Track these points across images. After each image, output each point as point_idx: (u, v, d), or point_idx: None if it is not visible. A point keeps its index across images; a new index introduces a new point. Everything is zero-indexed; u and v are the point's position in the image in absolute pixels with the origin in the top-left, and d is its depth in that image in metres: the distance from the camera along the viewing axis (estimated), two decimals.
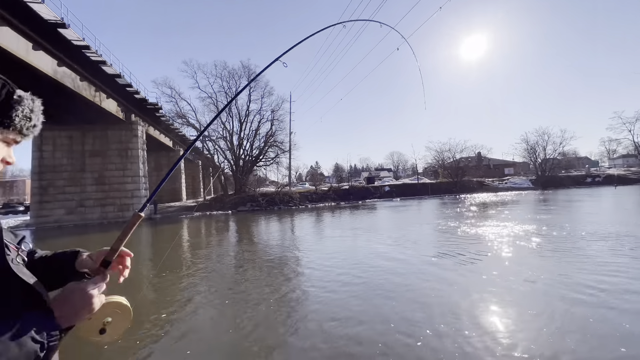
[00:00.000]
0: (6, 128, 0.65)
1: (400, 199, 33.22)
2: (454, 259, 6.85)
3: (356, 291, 5.10)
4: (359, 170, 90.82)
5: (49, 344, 0.60)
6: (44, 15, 13.45)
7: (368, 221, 15.76)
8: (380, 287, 5.22)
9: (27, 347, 0.55)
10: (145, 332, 4.03)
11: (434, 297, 4.61)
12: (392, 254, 7.62)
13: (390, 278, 5.68)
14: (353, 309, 4.37)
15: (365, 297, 4.80)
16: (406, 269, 6.22)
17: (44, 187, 22.64)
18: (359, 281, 5.60)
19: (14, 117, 0.65)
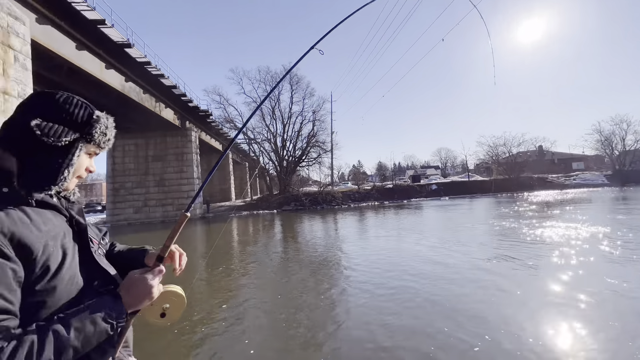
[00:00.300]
0: (88, 143, 0.78)
1: (448, 198, 31.43)
2: (510, 263, 6.26)
3: (401, 296, 4.90)
4: (404, 169, 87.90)
5: (117, 324, 0.70)
6: (113, 38, 15.24)
7: (414, 221, 15.15)
8: (427, 292, 4.94)
9: (100, 326, 0.66)
10: (201, 323, 4.33)
11: (486, 307, 4.24)
12: (440, 257, 7.20)
13: (438, 283, 5.35)
14: (398, 314, 4.22)
15: (411, 303, 4.59)
16: (456, 274, 5.81)
17: (116, 189, 25.69)
18: (404, 284, 5.38)
19: (94, 134, 0.78)
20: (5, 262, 0.59)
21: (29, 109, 0.72)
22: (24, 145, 0.69)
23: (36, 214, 0.69)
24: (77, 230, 0.79)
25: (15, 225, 0.63)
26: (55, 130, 0.71)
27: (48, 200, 0.73)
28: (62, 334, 0.61)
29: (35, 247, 0.64)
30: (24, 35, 10.52)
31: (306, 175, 44.00)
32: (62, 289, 0.68)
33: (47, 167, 0.71)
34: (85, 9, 12.91)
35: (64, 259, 0.70)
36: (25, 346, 0.56)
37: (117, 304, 0.71)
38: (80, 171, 0.80)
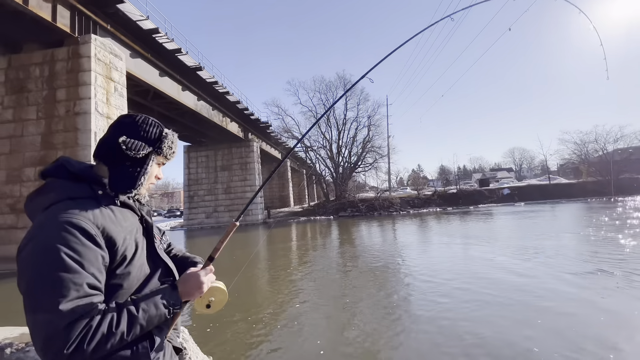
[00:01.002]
0: (158, 155, 0.94)
1: (524, 204, 27.89)
2: (607, 279, 5.24)
3: (472, 310, 4.45)
4: (469, 172, 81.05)
5: (173, 310, 0.84)
6: (188, 63, 17.29)
7: (483, 229, 13.76)
8: (504, 308, 4.39)
9: (161, 310, 0.80)
10: (261, 321, 4.53)
11: (577, 329, 3.60)
12: (518, 269, 6.38)
13: (517, 297, 4.73)
14: (469, 331, 3.83)
15: (484, 319, 4.13)
16: (538, 289, 5.07)
17: (191, 197, 28.77)
18: (476, 298, 4.88)
19: (163, 147, 0.94)
20: (97, 250, 0.73)
21: (117, 129, 0.90)
22: (113, 157, 0.87)
23: (120, 212, 0.85)
24: (145, 227, 0.94)
25: (105, 221, 0.78)
26: (135, 145, 0.87)
27: (128, 202, 0.88)
28: (133, 312, 0.75)
29: (117, 239, 0.79)
30: (121, 69, 12.58)
31: (362, 181, 43.58)
32: (134, 274, 0.83)
33: (129, 174, 0.88)
34: (166, 41, 14.90)
35: (137, 250, 0.85)
36: (107, 319, 0.70)
37: (174, 293, 0.85)
38: (151, 179, 0.95)
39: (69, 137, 10.81)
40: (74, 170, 0.83)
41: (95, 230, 0.74)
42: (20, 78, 11.26)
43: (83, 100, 10.89)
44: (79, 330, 0.66)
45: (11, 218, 10.69)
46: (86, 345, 0.66)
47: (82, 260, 0.70)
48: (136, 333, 0.75)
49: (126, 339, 0.73)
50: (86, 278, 0.70)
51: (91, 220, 0.75)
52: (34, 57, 11.31)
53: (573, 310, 4.13)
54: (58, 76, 11.09)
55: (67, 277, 0.68)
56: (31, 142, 10.96)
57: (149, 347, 0.81)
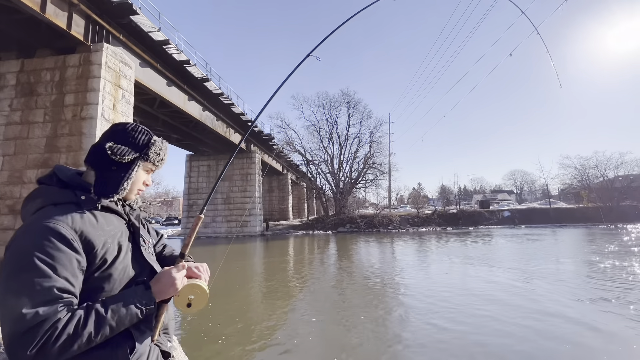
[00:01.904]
0: (145, 161, 0.96)
1: (524, 227, 27.71)
2: (616, 308, 5.13)
3: (470, 340, 4.36)
4: (470, 192, 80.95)
5: (146, 310, 0.83)
6: (195, 74, 17.66)
7: (483, 250, 13.61)
8: (506, 336, 4.30)
9: (132, 310, 0.80)
10: (254, 334, 4.43)
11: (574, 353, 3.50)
12: (519, 293, 6.28)
13: (522, 326, 4.63)
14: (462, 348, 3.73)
15: (481, 340, 4.03)
16: (541, 318, 4.96)
17: (190, 206, 28.68)
18: (474, 325, 4.79)
19: (150, 154, 0.96)
20: (72, 254, 0.75)
21: (108, 135, 0.93)
22: (100, 162, 0.90)
23: (102, 217, 0.86)
24: (132, 231, 0.95)
25: (84, 225, 0.80)
26: (121, 151, 0.90)
27: (112, 206, 0.90)
28: (101, 313, 0.75)
29: (97, 243, 0.80)
30: (130, 77, 12.85)
31: (362, 197, 43.48)
32: (116, 276, 0.84)
33: (113, 179, 0.90)
34: (175, 52, 15.28)
35: (119, 253, 0.86)
36: (74, 319, 0.72)
37: (146, 293, 0.85)
38: (138, 184, 0.96)
39: (74, 141, 10.91)
40: (62, 177, 0.87)
41: (72, 234, 0.76)
42: (30, 82, 11.49)
43: (90, 105, 11.06)
44: (42, 332, 0.67)
45: (9, 219, 10.64)
46: (50, 346, 0.68)
47: (54, 264, 0.72)
48: (105, 334, 0.75)
49: (95, 340, 0.73)
50: (56, 282, 0.72)
51: (69, 224, 0.77)
52: (46, 62, 11.58)
53: (584, 343, 4.03)
54: (68, 81, 11.32)
55: (36, 280, 0.70)
56: (36, 144, 11.06)
57: (128, 350, 0.82)
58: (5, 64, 11.75)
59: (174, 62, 15.76)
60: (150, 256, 0.98)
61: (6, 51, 11.95)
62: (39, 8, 9.76)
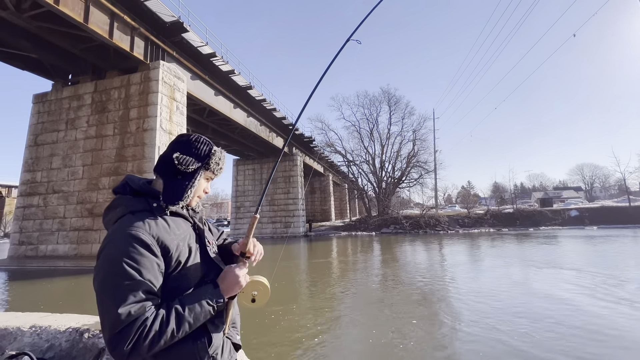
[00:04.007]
0: (206, 170, 1.02)
1: (597, 228, 24.49)
2: None
3: (522, 342, 3.96)
4: (528, 190, 73.94)
5: (217, 307, 0.91)
6: (240, 83, 18.64)
7: (546, 253, 12.24)
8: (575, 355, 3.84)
9: (205, 307, 0.88)
10: (303, 335, 4.51)
11: None
12: (595, 306, 5.57)
13: (598, 344, 4.11)
14: None
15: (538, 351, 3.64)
16: (610, 326, 4.36)
17: (237, 207, 30.28)
18: (530, 330, 4.35)
19: (211, 164, 1.02)
20: (153, 258, 0.84)
21: (174, 146, 1.01)
22: (168, 171, 0.98)
23: (173, 221, 0.94)
24: (198, 233, 1.02)
25: (160, 231, 0.88)
26: (186, 161, 0.97)
27: (180, 211, 0.98)
28: (180, 311, 0.83)
29: (171, 246, 0.88)
30: (183, 90, 13.98)
31: (407, 197, 42.03)
32: (189, 276, 0.91)
33: (179, 187, 0.97)
34: (221, 63, 16.29)
35: (190, 255, 0.94)
36: (159, 319, 0.80)
37: (215, 291, 0.92)
38: (199, 192, 1.03)
39: (138, 150, 12.17)
40: (134, 187, 0.96)
41: (152, 240, 0.84)
42: (102, 100, 13.09)
43: (150, 118, 12.25)
44: (134, 330, 0.76)
45: (89, 221, 12.22)
46: (142, 342, 0.76)
47: (140, 268, 0.80)
48: (185, 330, 0.83)
49: (177, 335, 0.81)
50: (143, 285, 0.80)
51: (147, 231, 0.85)
52: (114, 82, 13.10)
53: None
54: (132, 98, 12.67)
55: (127, 284, 0.79)
56: (108, 155, 12.56)
57: (206, 343, 0.89)
58: (83, 86, 13.54)
59: (220, 72, 16.80)
60: (216, 255, 1.05)
61: (83, 75, 13.75)
62: (107, 35, 11.07)
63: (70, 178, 12.92)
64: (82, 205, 12.47)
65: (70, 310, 2.26)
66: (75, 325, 1.75)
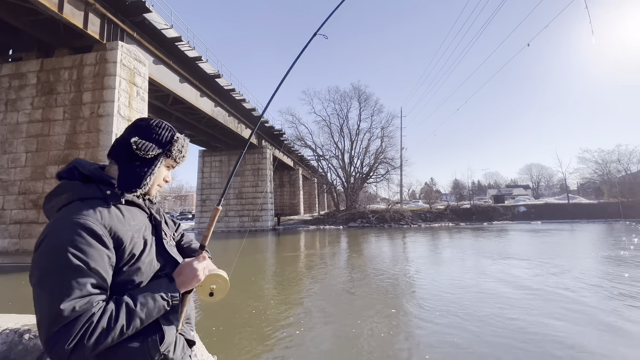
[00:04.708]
0: (168, 157, 0.98)
1: (541, 222, 27.01)
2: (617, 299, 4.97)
3: (477, 328, 4.31)
4: (484, 187, 79.26)
5: (172, 301, 0.86)
6: (207, 71, 17.84)
7: (497, 246, 13.32)
8: (527, 342, 4.23)
9: (159, 302, 0.83)
10: (266, 328, 4.51)
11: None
12: (542, 292, 6.15)
13: (547, 326, 4.56)
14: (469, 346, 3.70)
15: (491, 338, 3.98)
16: (572, 319, 4.88)
17: (203, 200, 29.23)
18: (486, 318, 4.73)
19: (173, 151, 0.98)
20: (104, 250, 0.77)
21: (132, 130, 0.95)
22: (124, 157, 0.91)
23: (127, 211, 0.88)
24: (154, 225, 0.97)
25: (113, 221, 0.81)
26: (145, 146, 0.91)
27: (135, 200, 0.92)
28: (131, 306, 0.78)
29: (125, 238, 0.82)
30: (144, 74, 13.09)
31: (374, 192, 43.26)
32: (144, 270, 0.86)
33: (137, 174, 0.91)
34: (187, 49, 15.46)
35: (145, 247, 0.88)
36: (107, 313, 0.74)
37: (171, 285, 0.87)
38: (159, 180, 0.98)
39: (92, 137, 11.25)
40: (84, 172, 0.88)
41: (103, 230, 0.77)
42: (50, 80, 11.87)
43: (107, 103, 11.35)
44: (79, 327, 0.70)
45: (33, 213, 11.12)
46: (87, 340, 0.70)
47: (87, 260, 0.73)
48: (136, 326, 0.78)
49: (126, 332, 0.76)
50: (90, 278, 0.73)
51: (99, 220, 0.78)
52: (64, 61, 11.92)
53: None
54: (85, 80, 11.63)
55: (71, 276, 0.72)
56: (56, 141, 11.46)
57: (158, 340, 0.84)
58: (27, 63, 12.17)
59: (186, 58, 15.96)
60: (172, 249, 1.00)
61: (27, 51, 12.36)
62: (56, 8, 10.01)
63: (11, 166, 11.64)
64: (24, 196, 11.32)
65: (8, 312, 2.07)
66: (14, 326, 1.61)
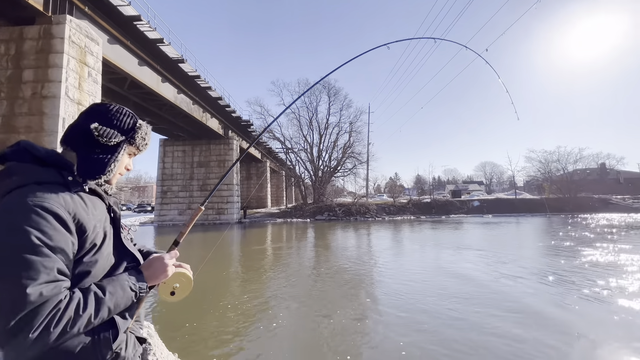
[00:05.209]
0: (130, 145, 0.95)
1: (492, 216, 29.34)
2: (574, 292, 5.65)
3: (438, 328, 4.64)
4: (444, 183, 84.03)
5: (139, 293, 0.86)
6: (170, 55, 16.78)
7: (453, 237, 14.30)
8: (475, 325, 4.62)
9: (127, 293, 0.82)
10: (228, 323, 4.46)
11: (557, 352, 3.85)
12: (486, 280, 6.72)
13: (487, 311, 4.99)
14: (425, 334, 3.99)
15: (449, 341, 4.32)
16: (508, 303, 5.39)
17: (164, 192, 27.75)
18: (442, 312, 5.10)
19: (136, 138, 0.95)
20: (68, 235, 0.73)
21: (89, 116, 0.89)
22: (83, 144, 0.86)
23: (89, 200, 0.84)
24: (112, 217, 0.93)
25: (77, 208, 0.77)
26: (108, 133, 0.88)
27: (97, 189, 0.87)
28: (100, 295, 0.76)
29: (88, 227, 0.78)
30: (97, 54, 11.99)
31: (341, 185, 43.99)
32: (101, 262, 0.83)
33: (99, 161, 0.87)
34: (148, 29, 14.40)
35: (105, 239, 0.85)
36: (75, 301, 0.71)
37: (140, 277, 0.87)
38: (121, 168, 0.95)
39: (34, 121, 10.15)
40: (39, 155, 0.81)
41: (67, 215, 0.73)
42: None
43: (53, 83, 10.27)
44: (45, 314, 0.65)
45: None
46: (52, 328, 0.66)
47: (53, 245, 0.69)
48: (103, 316, 0.75)
49: (93, 322, 0.73)
50: (56, 262, 0.69)
51: (63, 205, 0.73)
52: (0, 33, 10.54)
53: (551, 330, 4.42)
54: (26, 55, 10.40)
55: (37, 260, 0.66)
56: None
57: (111, 337, 0.80)
58: None
59: (147, 40, 14.89)
60: (130, 243, 0.97)
61: None
62: None
63: None
64: None
65: None
66: None
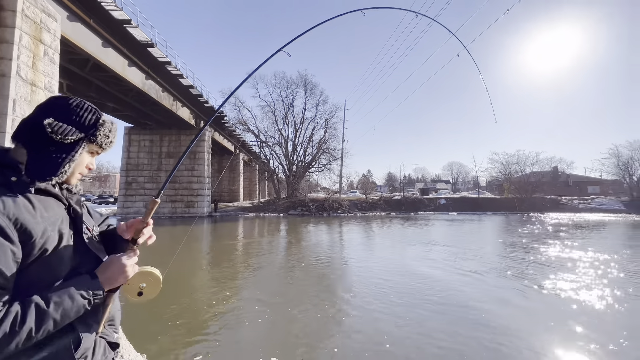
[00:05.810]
0: (92, 143, 0.87)
1: (457, 213, 30.96)
2: (528, 282, 6.16)
3: (406, 316, 4.88)
4: (413, 181, 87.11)
5: (94, 300, 0.78)
6: (138, 37, 15.80)
7: (420, 234, 14.99)
8: (437, 312, 4.90)
9: (78, 301, 0.74)
10: (198, 323, 4.40)
11: (514, 337, 4.18)
12: (449, 272, 7.14)
13: (450, 298, 5.32)
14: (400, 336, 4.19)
15: (417, 329, 4.56)
16: (469, 291, 5.77)
17: (129, 183, 26.29)
18: (410, 302, 5.36)
19: (98, 135, 0.87)
20: (7, 244, 0.67)
21: (45, 110, 0.82)
22: (35, 140, 0.79)
23: (39, 201, 0.76)
24: (74, 217, 0.86)
25: (19, 212, 0.70)
26: (63, 130, 0.80)
27: (50, 189, 0.80)
28: (42, 307, 0.69)
29: (35, 231, 0.72)
30: (54, 31, 11.03)
31: (315, 181, 44.13)
32: (57, 268, 0.77)
33: (51, 160, 0.79)
34: (113, 8, 13.46)
35: (60, 242, 0.78)
36: (11, 316, 0.64)
37: (93, 282, 0.79)
38: (81, 167, 0.87)
39: None
40: None
41: (6, 222, 0.67)
42: None
43: (2, 60, 9.33)
44: None
45: None
46: None
47: None
48: (49, 329, 0.69)
49: (35, 336, 0.67)
50: None
51: (1, 211, 0.68)
52: None
53: (509, 317, 4.79)
54: None
55: None
56: None
57: (72, 346, 0.75)
58: None
59: (112, 19, 13.92)
60: (95, 244, 0.90)
61: None
62: None
63: None
64: None
65: None
66: None
